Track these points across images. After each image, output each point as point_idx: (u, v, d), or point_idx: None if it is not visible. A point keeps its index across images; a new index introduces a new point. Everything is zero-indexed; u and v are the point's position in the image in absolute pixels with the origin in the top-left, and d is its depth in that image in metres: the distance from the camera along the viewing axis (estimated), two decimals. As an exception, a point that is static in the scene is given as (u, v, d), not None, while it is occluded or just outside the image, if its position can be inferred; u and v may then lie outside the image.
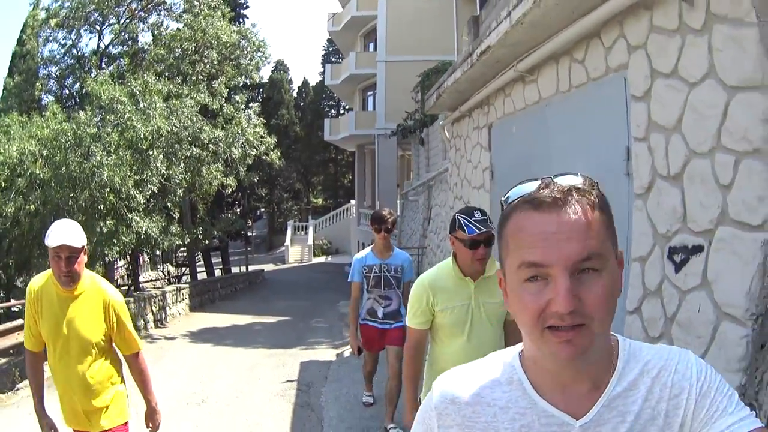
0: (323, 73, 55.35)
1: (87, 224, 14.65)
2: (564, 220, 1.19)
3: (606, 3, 4.90)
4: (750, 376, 3.46)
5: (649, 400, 1.30)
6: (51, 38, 23.43)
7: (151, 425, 4.34)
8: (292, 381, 10.04)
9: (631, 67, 4.91)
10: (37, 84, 22.62)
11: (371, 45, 40.35)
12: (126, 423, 4.18)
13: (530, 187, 1.25)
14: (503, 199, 1.31)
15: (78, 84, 22.86)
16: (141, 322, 15.25)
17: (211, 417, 8.19)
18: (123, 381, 4.18)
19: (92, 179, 14.15)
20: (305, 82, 67.33)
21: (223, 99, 21.13)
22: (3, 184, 13.80)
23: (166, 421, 7.48)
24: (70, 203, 14.49)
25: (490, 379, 1.37)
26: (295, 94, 64.78)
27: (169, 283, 23.03)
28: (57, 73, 23.82)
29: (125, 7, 23.19)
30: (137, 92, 16.09)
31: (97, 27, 23.60)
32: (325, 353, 12.61)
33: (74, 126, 14.53)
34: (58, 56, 23.76)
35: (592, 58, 5.68)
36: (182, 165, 17.62)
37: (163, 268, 32.14)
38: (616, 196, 4.99)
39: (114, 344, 4.10)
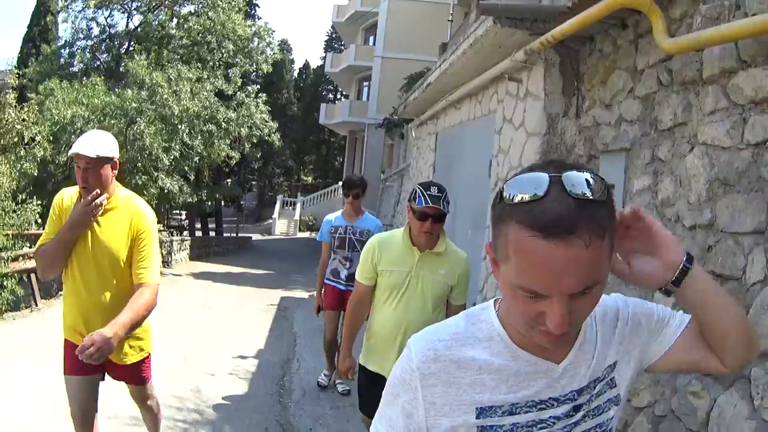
0: (324, 58, 56.16)
1: (124, 178, 17.99)
2: (571, 256, 1.15)
3: (487, 71, 8.09)
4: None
5: (607, 340, 1.50)
6: (86, 16, 25.61)
7: (87, 344, 3.12)
8: (273, 305, 13.52)
9: (497, 112, 8.17)
10: (78, 55, 25.33)
11: (371, 38, 41.72)
12: (149, 356, 3.98)
13: (536, 186, 1.19)
14: (504, 186, 1.26)
15: (109, 58, 25.59)
16: (154, 259, 18.51)
17: (216, 317, 11.62)
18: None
19: (134, 143, 17.41)
20: (306, 64, 68.03)
21: (237, 87, 24.28)
22: (51, 138, 16.79)
23: (187, 316, 10.81)
24: (114, 159, 17.47)
25: (470, 336, 1.42)
26: (296, 74, 65.42)
27: (172, 235, 26.22)
28: (92, 46, 26.08)
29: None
30: (172, 78, 19.35)
31: (126, 7, 26.10)
32: (299, 293, 16.04)
33: (120, 100, 17.73)
34: (92, 32, 26.04)
35: (484, 101, 8.96)
36: (200, 137, 20.88)
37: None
38: (484, 191, 8.33)
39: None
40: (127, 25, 26.33)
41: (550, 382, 1.39)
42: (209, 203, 26.99)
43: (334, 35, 61.58)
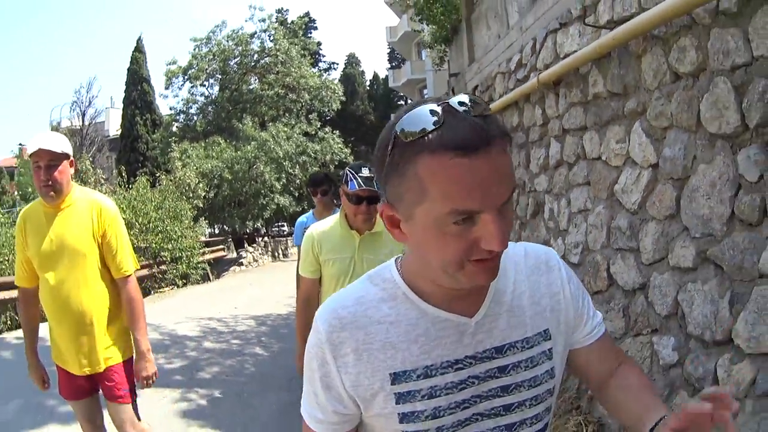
0: (389, 69, 60.91)
1: (252, 200, 26.71)
2: (494, 166, 1.06)
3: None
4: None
5: (533, 297, 1.35)
6: (192, 91, 33.24)
7: (139, 377, 3.51)
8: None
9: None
10: (196, 120, 33.31)
11: (423, 53, 44.19)
12: (131, 359, 3.62)
13: (434, 115, 1.07)
14: (394, 130, 1.10)
15: (216, 118, 32.85)
16: (278, 253, 27.14)
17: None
18: None
19: (257, 179, 25.84)
20: (375, 75, 71.43)
21: (317, 127, 32.28)
22: (197, 181, 23.81)
23: (284, 279, 19.37)
24: (243, 190, 26.10)
25: (374, 298, 1.32)
26: (367, 86, 68.65)
27: (283, 237, 34.10)
28: (203, 111, 33.52)
29: (241, 65, 33.34)
30: (274, 133, 27.72)
31: (219, 79, 33.62)
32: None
33: (242, 153, 25.87)
34: (199, 99, 33.58)
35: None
36: (298, 167, 29.18)
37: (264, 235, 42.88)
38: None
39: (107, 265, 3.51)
40: (222, 92, 33.83)
41: (464, 338, 1.28)
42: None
43: (394, 48, 63.54)
